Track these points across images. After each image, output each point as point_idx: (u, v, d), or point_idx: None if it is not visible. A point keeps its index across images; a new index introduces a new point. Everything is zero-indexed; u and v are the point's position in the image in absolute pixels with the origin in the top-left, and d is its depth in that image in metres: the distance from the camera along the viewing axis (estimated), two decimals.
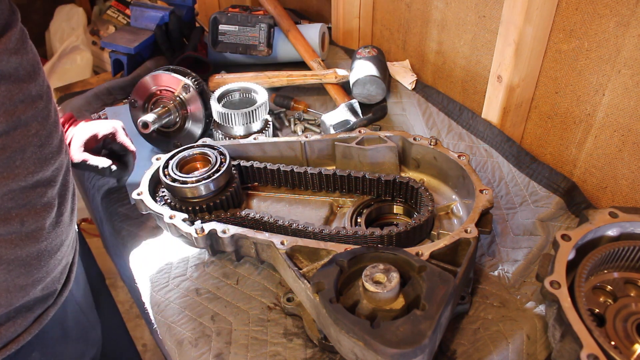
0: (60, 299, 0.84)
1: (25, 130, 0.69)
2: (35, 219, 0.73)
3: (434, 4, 1.36)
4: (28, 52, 0.71)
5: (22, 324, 0.77)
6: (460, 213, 0.97)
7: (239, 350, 0.83)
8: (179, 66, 1.24)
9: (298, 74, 1.41)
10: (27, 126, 0.69)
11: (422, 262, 0.74)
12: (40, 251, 0.75)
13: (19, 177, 0.69)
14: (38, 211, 0.73)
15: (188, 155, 1.00)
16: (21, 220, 0.70)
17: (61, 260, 0.81)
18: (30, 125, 0.70)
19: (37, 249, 0.74)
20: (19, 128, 0.68)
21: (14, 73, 0.67)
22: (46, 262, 0.77)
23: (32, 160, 0.70)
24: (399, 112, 1.36)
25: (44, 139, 0.72)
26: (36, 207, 0.73)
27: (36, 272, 0.76)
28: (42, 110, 0.72)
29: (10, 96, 0.67)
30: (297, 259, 0.86)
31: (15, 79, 0.67)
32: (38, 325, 0.80)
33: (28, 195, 0.71)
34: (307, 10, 1.89)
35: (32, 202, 0.72)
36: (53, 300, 0.82)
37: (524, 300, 0.88)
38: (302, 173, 1.02)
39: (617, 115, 1.01)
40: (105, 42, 1.49)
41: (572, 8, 1.02)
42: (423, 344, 0.65)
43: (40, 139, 0.72)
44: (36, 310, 0.79)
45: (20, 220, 0.70)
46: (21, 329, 0.77)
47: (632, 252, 0.82)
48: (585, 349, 0.66)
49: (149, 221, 1.08)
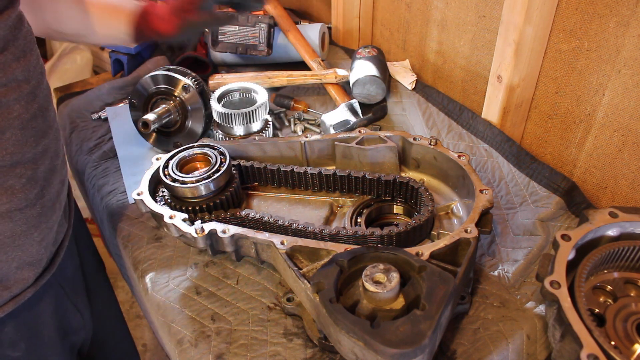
0: (41, 281, 0.86)
1: (6, 111, 0.71)
2: (10, 199, 0.74)
3: (434, 4, 1.36)
4: (18, 39, 0.72)
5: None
6: (460, 213, 0.97)
7: (239, 350, 0.83)
8: (179, 66, 1.24)
9: (298, 74, 1.41)
10: (9, 108, 0.71)
11: (422, 262, 0.74)
12: (14, 231, 0.77)
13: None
14: (15, 192, 0.75)
15: (188, 155, 1.00)
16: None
17: (41, 242, 0.83)
18: (11, 108, 0.72)
19: (10, 229, 0.76)
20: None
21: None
22: (21, 241, 0.79)
23: (11, 142, 0.72)
24: (399, 112, 1.36)
25: (25, 122, 0.74)
26: (14, 187, 0.75)
27: (11, 251, 0.78)
28: (28, 94, 0.74)
29: None
30: (297, 259, 0.86)
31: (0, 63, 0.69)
32: (13, 303, 0.82)
33: (6, 175, 0.73)
34: (307, 10, 1.89)
35: (9, 182, 0.74)
36: (33, 281, 0.84)
37: (524, 300, 0.88)
38: (302, 173, 1.02)
39: (617, 115, 1.01)
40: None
41: (572, 8, 1.02)
42: (423, 344, 0.65)
43: (21, 121, 0.73)
44: (13, 289, 0.81)
45: None
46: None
47: (632, 252, 0.82)
48: (585, 349, 0.66)
49: (149, 221, 1.08)
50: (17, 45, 0.72)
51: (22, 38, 0.73)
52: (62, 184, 0.87)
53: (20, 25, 0.74)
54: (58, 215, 0.87)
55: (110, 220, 1.12)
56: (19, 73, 0.72)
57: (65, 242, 0.92)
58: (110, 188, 1.18)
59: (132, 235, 1.06)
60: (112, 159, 1.26)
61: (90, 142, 1.32)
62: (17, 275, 0.81)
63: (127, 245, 1.05)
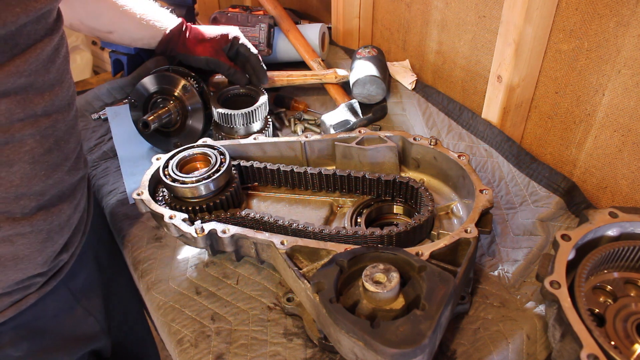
0: (46, 288, 0.84)
1: (17, 146, 0.68)
2: (12, 226, 0.72)
3: (434, 4, 1.36)
4: (50, 73, 0.68)
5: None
6: (460, 213, 0.97)
7: (239, 350, 0.83)
8: (179, 66, 1.24)
9: (298, 74, 1.41)
10: (21, 142, 0.68)
11: (422, 262, 0.74)
12: (15, 255, 0.74)
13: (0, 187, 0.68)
14: (17, 220, 0.72)
15: (188, 155, 1.00)
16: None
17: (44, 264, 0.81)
18: (24, 142, 0.68)
19: (12, 252, 0.74)
20: (10, 143, 0.67)
21: (20, 92, 0.65)
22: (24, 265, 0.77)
23: (18, 175, 0.69)
24: (399, 112, 1.36)
25: (38, 156, 0.71)
26: (15, 216, 0.72)
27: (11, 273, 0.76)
28: (46, 129, 0.71)
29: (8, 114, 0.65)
30: (297, 259, 0.86)
31: (20, 97, 0.65)
32: (14, 309, 0.80)
33: (8, 205, 0.70)
34: (307, 10, 1.89)
35: (12, 212, 0.71)
36: (37, 288, 0.83)
37: (524, 300, 0.88)
38: (302, 173, 1.02)
39: (617, 115, 1.01)
40: (105, 42, 1.49)
41: (572, 8, 1.02)
42: (423, 344, 0.65)
43: (32, 156, 0.70)
44: (14, 296, 0.80)
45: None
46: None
47: (632, 252, 0.82)
48: (585, 349, 0.66)
49: (149, 221, 1.08)
50: (46, 80, 0.68)
51: (54, 71, 0.70)
52: (74, 208, 0.84)
53: (55, 57, 0.70)
54: (67, 237, 0.84)
55: (110, 220, 1.12)
56: (40, 108, 0.69)
57: (77, 252, 0.90)
58: (110, 188, 1.18)
59: (132, 235, 1.06)
60: (112, 159, 1.26)
61: (90, 142, 1.32)
62: (19, 286, 0.79)
63: (127, 245, 1.05)
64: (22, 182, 0.70)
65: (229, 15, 1.49)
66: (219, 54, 1.18)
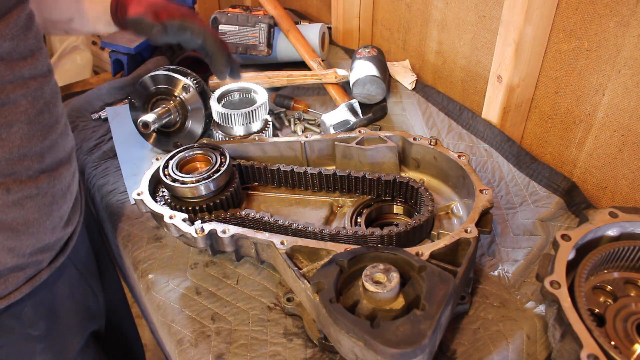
0: (55, 264, 0.88)
1: (13, 107, 0.73)
2: (20, 188, 0.77)
3: (434, 4, 1.36)
4: (28, 39, 0.74)
5: (13, 282, 0.82)
6: (460, 213, 0.97)
7: (239, 350, 0.83)
8: (179, 66, 1.24)
9: (298, 74, 1.41)
10: (16, 104, 0.74)
11: (422, 262, 0.74)
12: (26, 218, 0.79)
13: (4, 149, 0.74)
14: (24, 181, 0.77)
15: (188, 155, 1.00)
16: (7, 188, 0.75)
17: (54, 229, 0.85)
18: (18, 103, 0.74)
19: (23, 216, 0.79)
20: (6, 105, 0.72)
21: (6, 57, 0.71)
22: (35, 229, 0.81)
23: (18, 135, 0.75)
24: (399, 112, 1.36)
25: (32, 116, 0.77)
26: (21, 177, 0.77)
27: (25, 238, 0.80)
28: (35, 91, 0.76)
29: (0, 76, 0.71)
30: (297, 259, 0.86)
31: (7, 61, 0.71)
32: (30, 285, 0.84)
33: (13, 166, 0.76)
34: (307, 10, 1.89)
35: (18, 173, 0.77)
36: (47, 263, 0.87)
37: (524, 300, 0.88)
38: (302, 173, 1.02)
39: (617, 115, 1.01)
40: (105, 42, 1.49)
41: (572, 8, 1.02)
42: (423, 343, 0.65)
43: (28, 116, 0.76)
44: (28, 271, 0.84)
45: (6, 188, 0.75)
46: (12, 287, 0.82)
47: (632, 252, 0.82)
48: (585, 349, 0.66)
49: (149, 221, 1.08)
50: (27, 45, 0.74)
51: (32, 37, 0.75)
52: (72, 175, 0.89)
53: (31, 25, 0.75)
54: (69, 204, 0.89)
55: (110, 220, 1.12)
56: (26, 71, 0.74)
57: (78, 228, 0.94)
58: (110, 188, 1.18)
59: (132, 235, 1.06)
60: (112, 159, 1.26)
61: (90, 142, 1.32)
62: (31, 259, 0.83)
63: (127, 245, 1.05)
64: (23, 143, 0.76)
65: (229, 15, 1.49)
66: (148, 14, 0.94)
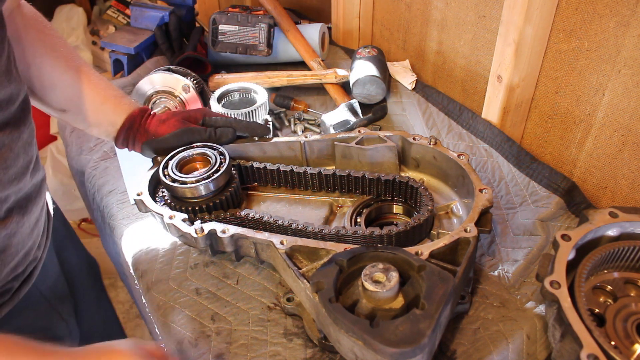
0: (20, 293, 0.87)
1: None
2: None
3: (434, 4, 1.36)
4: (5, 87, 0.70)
5: None
6: (460, 212, 0.97)
7: (239, 350, 0.83)
8: (179, 66, 1.24)
9: (298, 74, 1.41)
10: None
11: (422, 262, 0.74)
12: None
13: None
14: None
15: (188, 156, 1.00)
16: None
17: (9, 263, 0.82)
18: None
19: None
20: None
21: None
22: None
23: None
24: (399, 112, 1.36)
25: (10, 161, 0.74)
26: None
27: None
28: (11, 135, 0.73)
29: None
30: (297, 258, 0.86)
31: None
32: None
33: None
34: (307, 10, 1.89)
35: None
36: (9, 297, 0.85)
37: (524, 300, 0.88)
38: (301, 173, 1.02)
39: (617, 115, 1.01)
40: (105, 42, 1.50)
41: (572, 8, 1.02)
42: (422, 343, 0.65)
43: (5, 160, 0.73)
44: None
45: None
46: None
47: (632, 252, 0.81)
48: (585, 349, 0.66)
49: (149, 221, 1.08)
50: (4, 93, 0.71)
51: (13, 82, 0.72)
52: (40, 210, 0.86)
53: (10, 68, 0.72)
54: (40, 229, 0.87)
55: (110, 220, 1.12)
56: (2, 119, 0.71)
57: (44, 255, 0.92)
58: (110, 188, 1.18)
59: (132, 235, 1.06)
60: (112, 159, 1.26)
61: (90, 142, 1.32)
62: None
63: (127, 246, 1.05)
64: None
65: (229, 15, 1.49)
66: (187, 124, 1.00)
